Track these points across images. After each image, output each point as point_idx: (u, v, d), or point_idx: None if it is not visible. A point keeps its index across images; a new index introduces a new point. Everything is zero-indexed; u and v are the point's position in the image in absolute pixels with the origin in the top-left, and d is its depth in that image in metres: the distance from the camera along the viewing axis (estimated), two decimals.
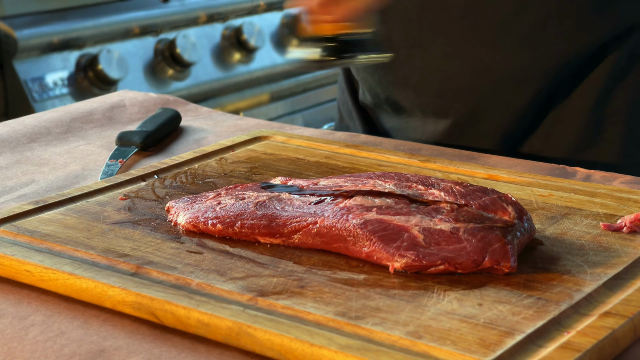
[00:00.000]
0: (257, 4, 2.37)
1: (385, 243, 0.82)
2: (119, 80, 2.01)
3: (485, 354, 0.68)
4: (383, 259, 0.82)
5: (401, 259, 0.81)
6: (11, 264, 0.85)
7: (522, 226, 0.84)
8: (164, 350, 0.74)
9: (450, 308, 0.75)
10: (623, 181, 1.06)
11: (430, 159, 1.11)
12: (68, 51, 1.99)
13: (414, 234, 0.82)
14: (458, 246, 0.81)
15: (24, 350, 0.74)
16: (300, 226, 0.86)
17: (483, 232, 0.82)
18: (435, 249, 0.81)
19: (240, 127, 1.31)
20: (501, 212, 0.85)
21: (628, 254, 0.84)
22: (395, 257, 0.81)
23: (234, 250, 0.87)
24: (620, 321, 0.72)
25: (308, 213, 0.87)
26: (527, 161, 1.14)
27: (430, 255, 0.80)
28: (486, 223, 0.83)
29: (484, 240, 0.81)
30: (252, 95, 2.32)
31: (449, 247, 0.81)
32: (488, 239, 0.81)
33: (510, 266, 0.80)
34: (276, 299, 0.77)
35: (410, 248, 0.81)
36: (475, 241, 0.81)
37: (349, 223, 0.84)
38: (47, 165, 1.17)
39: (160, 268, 0.83)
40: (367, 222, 0.83)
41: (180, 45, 2.12)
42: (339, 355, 0.69)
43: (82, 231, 0.91)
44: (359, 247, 0.83)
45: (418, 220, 0.84)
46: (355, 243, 0.83)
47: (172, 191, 1.02)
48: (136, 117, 1.36)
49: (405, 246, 0.81)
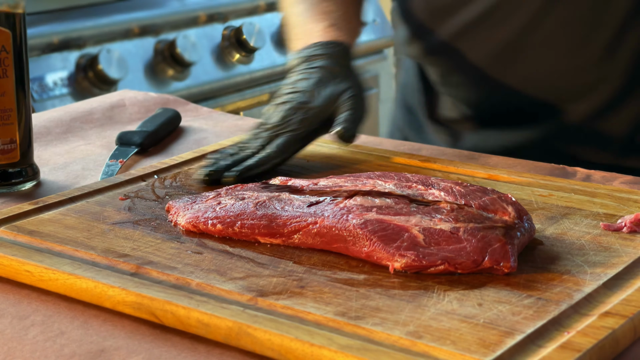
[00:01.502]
0: (257, 4, 2.37)
1: (385, 243, 0.82)
2: (119, 80, 2.01)
3: (485, 354, 0.68)
4: (383, 259, 0.82)
5: (401, 259, 0.81)
6: (11, 264, 0.85)
7: (522, 226, 0.84)
8: (164, 350, 0.74)
9: (450, 308, 0.75)
10: (623, 181, 1.06)
11: (430, 158, 1.11)
12: (68, 51, 1.99)
13: (414, 233, 0.82)
14: (458, 246, 0.81)
15: (24, 350, 0.74)
16: (300, 226, 0.86)
17: (483, 232, 0.82)
18: (435, 249, 0.81)
19: (240, 127, 1.31)
20: (501, 212, 0.85)
21: (628, 254, 0.84)
22: (396, 257, 0.81)
23: (234, 250, 0.87)
24: (620, 321, 0.72)
25: (308, 213, 0.87)
26: (527, 161, 1.14)
27: (430, 255, 0.80)
28: (486, 223, 0.83)
29: (483, 240, 0.81)
30: (252, 95, 2.32)
31: (449, 247, 0.81)
32: (488, 239, 0.81)
33: (510, 266, 0.80)
34: (276, 299, 0.77)
35: (410, 248, 0.81)
36: (475, 241, 0.81)
37: (349, 223, 0.84)
38: (47, 165, 1.17)
39: (160, 268, 0.83)
40: (367, 222, 0.83)
41: (180, 45, 2.12)
42: (339, 355, 0.69)
43: (82, 231, 0.91)
44: (359, 247, 0.83)
45: (418, 220, 0.84)
46: (355, 243, 0.83)
47: (172, 191, 1.02)
48: (136, 117, 1.36)
49: (405, 246, 0.81)
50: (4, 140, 1.07)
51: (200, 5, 2.27)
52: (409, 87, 1.40)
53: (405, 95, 1.41)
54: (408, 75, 1.40)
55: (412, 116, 1.39)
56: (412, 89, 1.39)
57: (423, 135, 1.37)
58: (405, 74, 1.41)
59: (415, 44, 1.32)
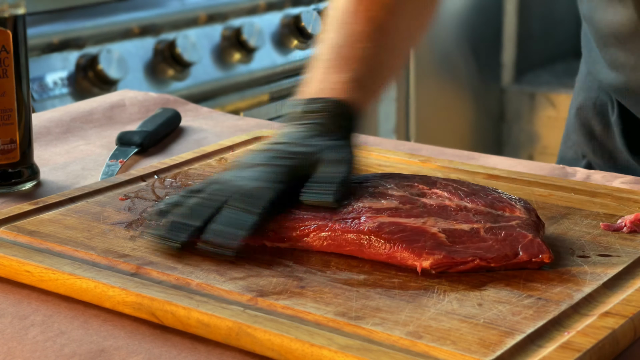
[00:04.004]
0: (257, 4, 2.37)
1: (409, 243, 0.81)
2: (119, 80, 2.01)
3: (485, 354, 0.68)
4: (408, 259, 0.81)
5: (430, 257, 0.80)
6: (11, 264, 0.85)
7: (536, 221, 0.85)
8: (164, 350, 0.74)
9: (450, 308, 0.75)
10: (623, 181, 1.06)
11: (431, 158, 1.11)
12: (68, 51, 1.99)
13: (436, 233, 0.82)
14: (484, 244, 0.81)
15: (24, 350, 0.74)
16: (309, 230, 0.86)
17: (505, 230, 0.83)
18: (461, 247, 0.81)
19: (240, 127, 1.31)
20: (509, 210, 0.86)
21: (628, 254, 0.84)
22: (423, 256, 0.81)
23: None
24: (620, 321, 0.72)
25: (316, 216, 0.86)
26: (527, 161, 1.14)
27: (459, 252, 0.80)
28: (502, 222, 0.84)
29: (509, 237, 0.82)
30: (252, 95, 2.32)
31: (475, 245, 0.81)
32: (514, 236, 0.82)
33: (549, 256, 0.81)
34: (276, 299, 0.77)
35: (436, 247, 0.81)
36: (500, 238, 0.82)
37: (362, 227, 0.84)
38: (47, 165, 1.17)
39: (160, 268, 0.83)
40: (382, 225, 0.83)
41: (180, 45, 2.12)
42: (339, 355, 0.69)
43: (82, 231, 0.91)
44: (376, 250, 0.83)
45: (432, 222, 0.84)
46: (371, 246, 0.83)
47: (172, 191, 1.02)
48: (136, 117, 1.36)
49: (430, 245, 0.81)
50: (4, 140, 1.07)
51: (200, 5, 2.27)
52: (588, 108, 1.26)
53: (586, 115, 1.27)
54: (589, 96, 1.26)
55: (595, 142, 1.26)
56: (594, 112, 1.25)
57: (618, 165, 1.22)
58: (586, 93, 1.27)
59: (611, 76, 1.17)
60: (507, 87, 3.28)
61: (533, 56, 3.37)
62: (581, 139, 1.27)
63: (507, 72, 3.29)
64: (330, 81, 0.99)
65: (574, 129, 1.28)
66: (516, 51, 3.29)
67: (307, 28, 2.43)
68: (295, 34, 2.44)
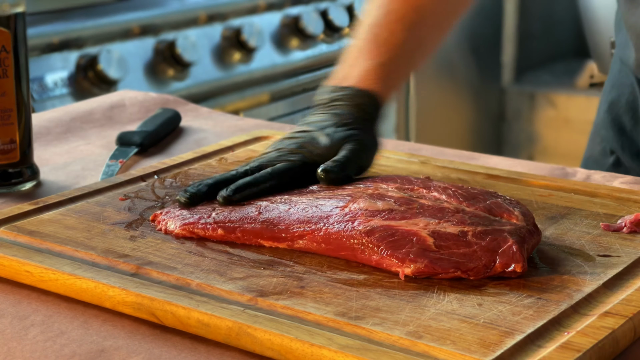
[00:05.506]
0: (256, 4, 2.37)
1: (394, 249, 0.81)
2: (119, 80, 2.01)
3: (485, 354, 0.68)
4: (393, 266, 0.81)
5: (412, 265, 0.80)
6: (11, 265, 0.85)
7: (531, 229, 0.84)
8: (164, 350, 0.74)
9: (450, 308, 0.75)
10: (623, 181, 1.06)
11: (431, 158, 1.10)
12: (68, 51, 1.99)
13: (423, 236, 0.81)
14: (468, 250, 0.80)
15: (24, 350, 0.74)
16: (304, 232, 0.86)
17: (492, 234, 0.81)
18: (445, 254, 0.80)
19: (240, 127, 1.31)
20: (507, 216, 0.85)
21: (628, 254, 0.84)
22: (406, 262, 0.80)
23: (234, 251, 0.86)
24: (620, 321, 0.72)
25: (313, 218, 0.86)
26: (527, 161, 1.14)
27: (441, 261, 0.80)
28: (494, 225, 0.83)
29: (493, 242, 0.81)
30: (252, 95, 2.32)
31: (459, 252, 0.80)
32: (497, 241, 0.81)
33: (522, 266, 0.79)
34: (276, 299, 0.77)
35: (420, 254, 0.80)
36: (484, 244, 0.80)
37: (355, 231, 0.83)
38: (47, 165, 1.17)
39: (160, 268, 0.83)
40: (374, 229, 0.83)
41: (180, 45, 2.12)
42: (339, 355, 0.69)
43: (82, 231, 0.91)
44: (368, 255, 0.82)
45: (425, 223, 0.83)
46: (363, 251, 0.83)
47: (172, 191, 1.02)
48: (136, 117, 1.36)
49: (415, 251, 0.80)
50: (4, 140, 1.07)
51: (200, 5, 2.27)
52: (620, 104, 1.25)
53: (618, 111, 1.26)
54: (622, 92, 1.25)
55: (624, 138, 1.26)
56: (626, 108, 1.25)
57: None
58: (619, 90, 1.26)
59: None
60: (507, 87, 3.28)
61: (533, 56, 3.37)
62: (611, 135, 1.27)
63: (507, 72, 3.29)
64: (359, 67, 1.04)
65: (603, 125, 1.29)
66: (516, 51, 3.29)
67: (307, 28, 2.43)
68: (295, 34, 2.44)
